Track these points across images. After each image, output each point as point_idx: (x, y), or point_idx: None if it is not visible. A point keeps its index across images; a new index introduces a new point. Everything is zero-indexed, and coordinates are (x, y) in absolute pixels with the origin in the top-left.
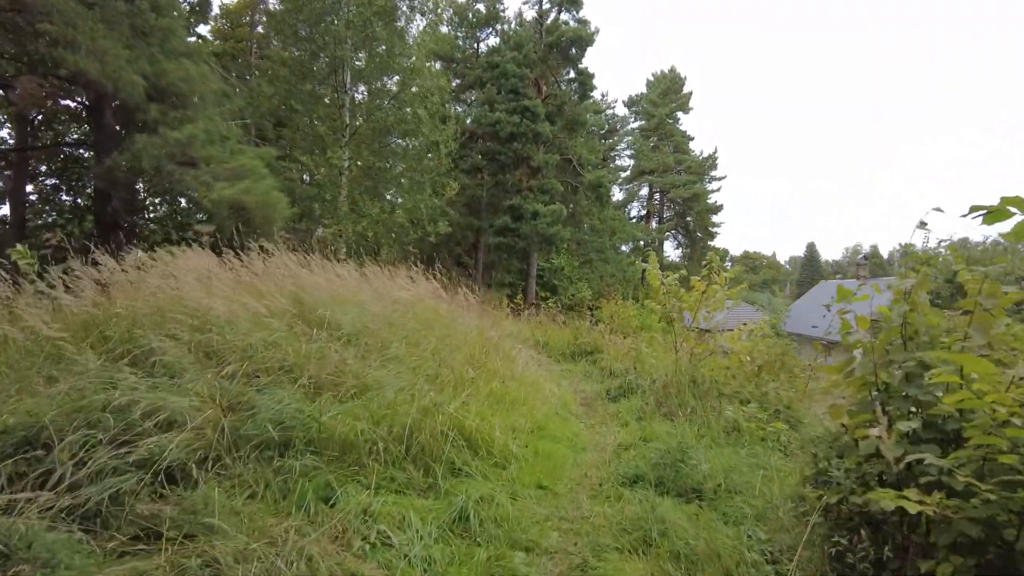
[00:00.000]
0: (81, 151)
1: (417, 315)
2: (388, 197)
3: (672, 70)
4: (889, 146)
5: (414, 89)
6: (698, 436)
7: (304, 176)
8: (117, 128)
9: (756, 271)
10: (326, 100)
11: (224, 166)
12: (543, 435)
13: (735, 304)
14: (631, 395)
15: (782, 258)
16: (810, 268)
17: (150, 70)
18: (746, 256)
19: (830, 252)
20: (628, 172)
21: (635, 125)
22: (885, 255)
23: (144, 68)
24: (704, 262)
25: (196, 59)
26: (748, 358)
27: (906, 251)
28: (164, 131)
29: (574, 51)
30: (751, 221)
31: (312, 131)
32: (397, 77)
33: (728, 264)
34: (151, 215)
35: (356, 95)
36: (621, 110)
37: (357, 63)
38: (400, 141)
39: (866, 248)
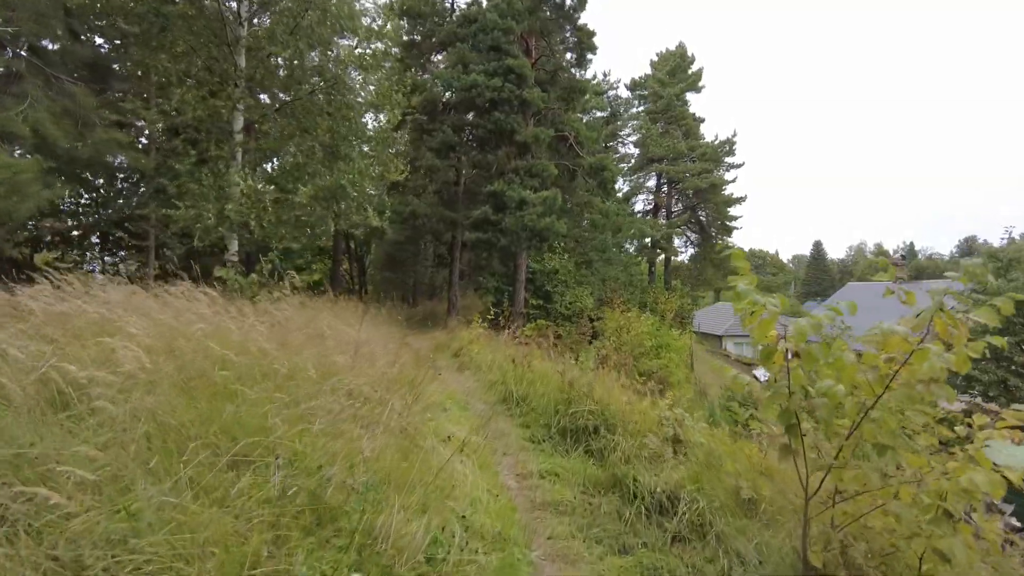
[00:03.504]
0: None
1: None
2: (286, 166)
3: (680, 46)
4: (890, 124)
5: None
6: None
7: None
8: None
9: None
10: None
11: None
12: None
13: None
14: None
15: (785, 256)
16: (816, 267)
17: None
18: (751, 255)
19: (833, 250)
20: (633, 161)
21: (640, 109)
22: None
23: None
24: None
25: None
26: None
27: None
28: None
29: (571, 2)
30: (752, 207)
31: (159, 66)
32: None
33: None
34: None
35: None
36: (624, 93)
37: None
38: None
39: (870, 246)
